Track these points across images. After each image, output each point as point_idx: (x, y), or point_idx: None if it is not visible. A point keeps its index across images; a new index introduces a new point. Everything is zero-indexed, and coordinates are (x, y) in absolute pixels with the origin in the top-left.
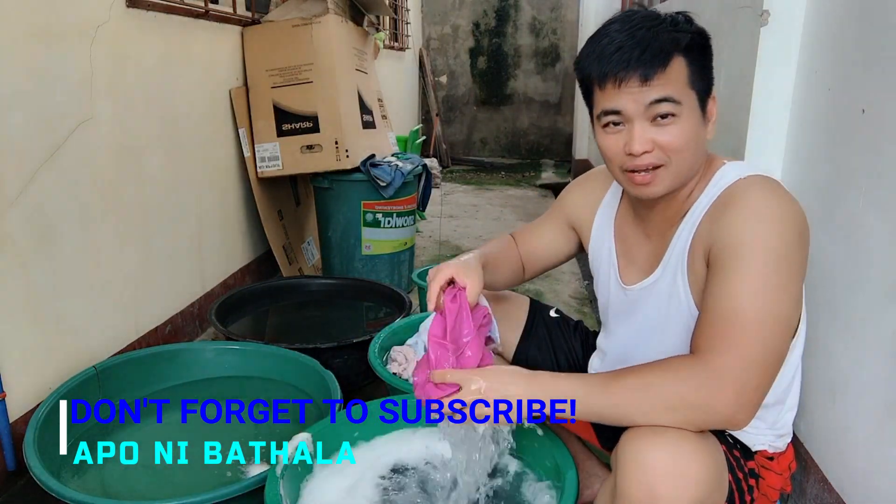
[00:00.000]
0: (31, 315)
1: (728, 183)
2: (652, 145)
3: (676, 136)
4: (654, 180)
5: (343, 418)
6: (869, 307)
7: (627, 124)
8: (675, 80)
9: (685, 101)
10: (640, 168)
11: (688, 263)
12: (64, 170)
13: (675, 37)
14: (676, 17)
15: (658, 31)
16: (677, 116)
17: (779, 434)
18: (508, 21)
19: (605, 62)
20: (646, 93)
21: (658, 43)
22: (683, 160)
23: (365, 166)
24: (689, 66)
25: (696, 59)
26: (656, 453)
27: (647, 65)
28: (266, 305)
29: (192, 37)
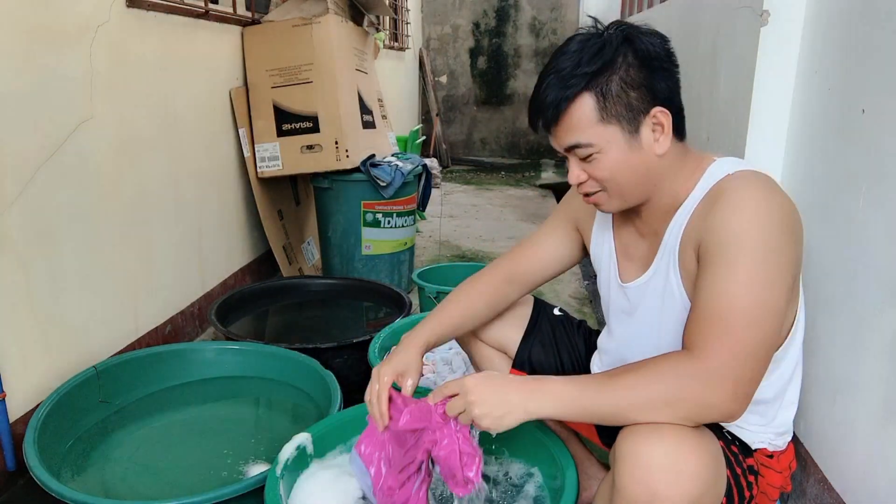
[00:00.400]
0: (31, 315)
1: (718, 178)
2: (585, 177)
3: (602, 169)
4: (600, 201)
5: (343, 418)
6: (869, 307)
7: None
8: (578, 125)
9: (597, 139)
10: (585, 193)
11: (679, 258)
12: (64, 170)
13: (571, 83)
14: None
15: (556, 79)
16: (599, 153)
17: (779, 432)
18: (508, 21)
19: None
20: (557, 139)
21: (550, 97)
22: (619, 186)
23: (365, 166)
24: (598, 102)
25: (608, 90)
26: (654, 449)
27: (545, 120)
28: (266, 305)
29: (192, 37)
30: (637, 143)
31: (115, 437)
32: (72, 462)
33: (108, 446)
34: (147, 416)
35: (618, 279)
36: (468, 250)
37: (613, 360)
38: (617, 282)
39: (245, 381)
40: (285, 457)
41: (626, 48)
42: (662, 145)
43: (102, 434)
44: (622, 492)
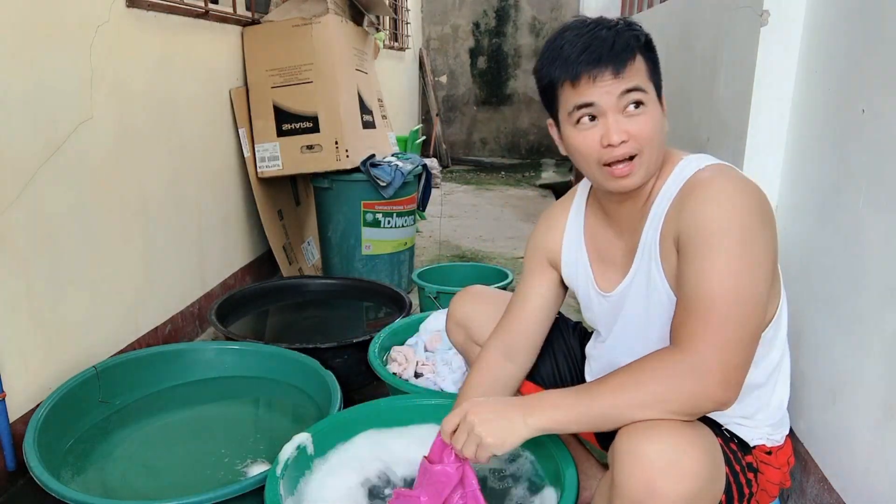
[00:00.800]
0: (31, 315)
1: (689, 174)
2: (627, 135)
3: (646, 124)
4: (632, 170)
5: (343, 418)
6: (869, 307)
7: (601, 118)
8: (640, 73)
9: (649, 91)
10: (620, 159)
11: (661, 254)
12: (64, 170)
13: (636, 34)
14: (630, 21)
15: (619, 31)
16: (646, 105)
17: (775, 424)
18: (508, 21)
19: (574, 64)
20: (618, 84)
21: (623, 39)
22: (653, 149)
23: (365, 166)
24: (646, 62)
25: (650, 57)
26: (652, 447)
27: (617, 59)
28: (266, 305)
29: (192, 37)
30: (662, 114)
31: (115, 437)
32: (72, 462)
33: (108, 446)
34: (147, 416)
35: (597, 290)
36: (468, 250)
37: (603, 366)
38: (597, 293)
39: (245, 381)
40: (285, 457)
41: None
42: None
43: (102, 434)
44: (620, 489)
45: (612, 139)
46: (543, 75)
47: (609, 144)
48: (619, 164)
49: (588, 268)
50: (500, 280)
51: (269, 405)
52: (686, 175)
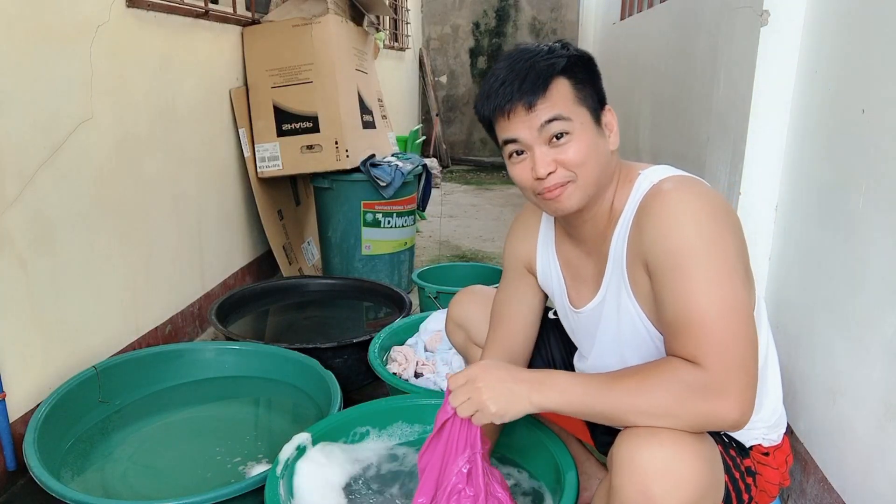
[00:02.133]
0: (31, 315)
1: (646, 189)
2: (555, 165)
3: (576, 151)
4: (562, 195)
5: (343, 418)
6: (869, 307)
7: (528, 151)
8: (560, 100)
9: (575, 117)
10: (551, 188)
11: (629, 278)
12: (64, 170)
13: (551, 62)
14: (553, 45)
15: (534, 61)
16: (571, 133)
17: (770, 424)
18: (508, 21)
19: (492, 98)
20: (533, 118)
21: (535, 71)
22: (588, 173)
23: (365, 166)
24: (573, 84)
25: (578, 76)
26: (651, 453)
27: (529, 92)
28: (266, 305)
29: (192, 37)
30: (601, 133)
31: (115, 437)
32: (72, 462)
33: (108, 446)
34: (147, 416)
35: (570, 306)
36: (468, 250)
37: None
38: (570, 309)
39: (245, 381)
40: (285, 457)
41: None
42: (614, 142)
43: (102, 434)
44: (619, 494)
45: (538, 172)
46: (476, 109)
47: (538, 177)
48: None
49: (561, 280)
50: (499, 280)
51: (269, 405)
52: (643, 191)
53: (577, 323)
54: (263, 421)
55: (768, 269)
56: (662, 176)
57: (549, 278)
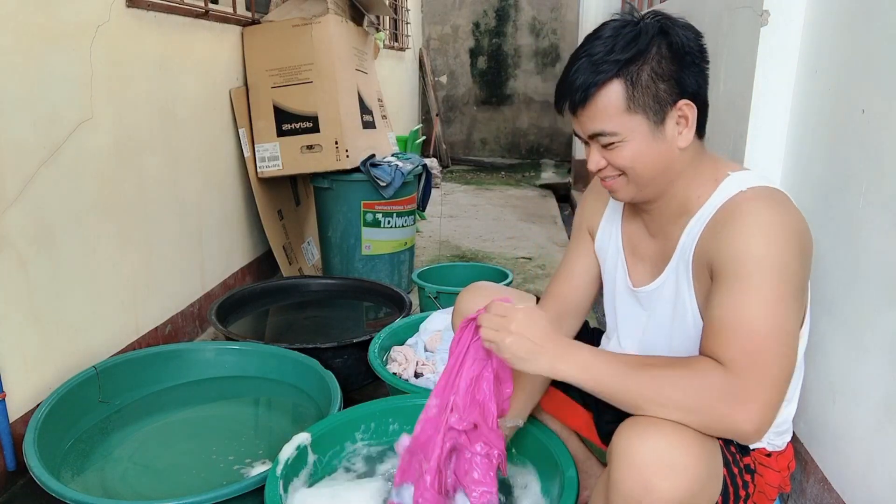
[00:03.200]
0: (31, 315)
1: (729, 195)
2: (604, 164)
3: (624, 157)
4: (616, 187)
5: (343, 418)
6: (869, 307)
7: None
8: (605, 112)
9: (621, 128)
10: (603, 178)
11: (693, 273)
12: (64, 170)
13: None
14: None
15: (588, 63)
16: (619, 142)
17: (779, 431)
18: (508, 21)
19: (556, 91)
20: (582, 124)
21: (582, 77)
22: (639, 174)
23: (365, 166)
24: (628, 89)
25: (639, 78)
26: (650, 445)
27: (573, 102)
28: (266, 305)
29: (192, 37)
30: (661, 135)
31: (115, 437)
32: (72, 462)
33: (108, 446)
34: (147, 416)
35: (627, 282)
36: (468, 250)
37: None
38: (626, 285)
39: (245, 381)
40: (285, 457)
41: (661, 39)
42: (685, 138)
43: (102, 434)
44: (617, 485)
45: (589, 167)
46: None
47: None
48: (606, 179)
49: (620, 252)
50: (500, 280)
51: (269, 405)
52: (726, 196)
53: (629, 301)
54: (263, 421)
55: None
56: (751, 184)
57: (607, 250)
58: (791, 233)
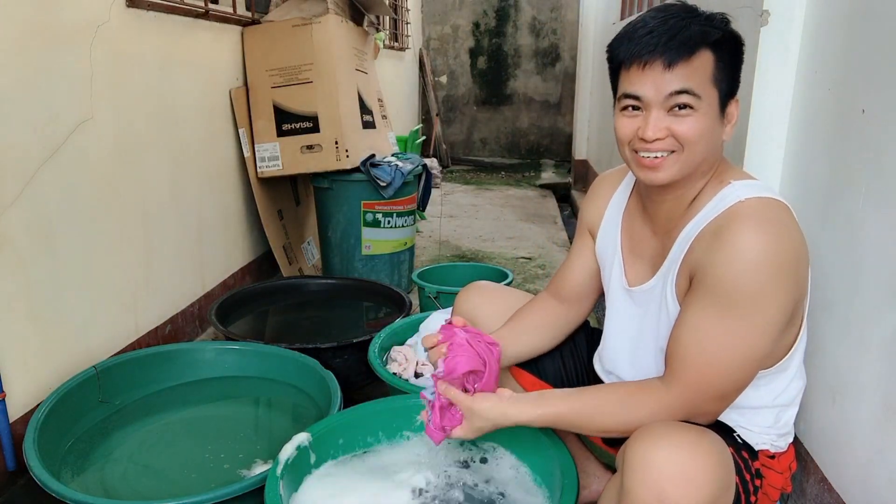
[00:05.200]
0: (31, 315)
1: (729, 203)
2: (666, 133)
3: (692, 127)
4: (662, 165)
5: (343, 418)
6: (869, 307)
7: (646, 110)
8: (698, 73)
9: (705, 96)
10: (651, 152)
11: (678, 276)
12: (64, 170)
13: (706, 30)
14: (714, 14)
15: (690, 23)
16: (695, 110)
17: (781, 433)
18: (508, 21)
19: (634, 43)
20: (668, 81)
21: (688, 33)
22: (695, 152)
23: (365, 166)
24: (716, 62)
25: (723, 57)
26: (665, 454)
27: (673, 51)
28: (266, 305)
29: (192, 37)
30: (720, 120)
31: (115, 437)
32: (72, 462)
33: (108, 446)
34: (147, 416)
35: (623, 281)
36: (468, 250)
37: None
38: (621, 283)
39: (245, 381)
40: (285, 457)
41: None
42: (728, 133)
43: (102, 434)
44: (630, 495)
45: (646, 134)
46: (611, 48)
47: (643, 138)
48: (651, 156)
49: (619, 254)
50: (500, 280)
51: (269, 405)
52: (726, 203)
53: (622, 298)
54: (263, 421)
55: None
56: (749, 195)
57: (606, 249)
58: (777, 258)
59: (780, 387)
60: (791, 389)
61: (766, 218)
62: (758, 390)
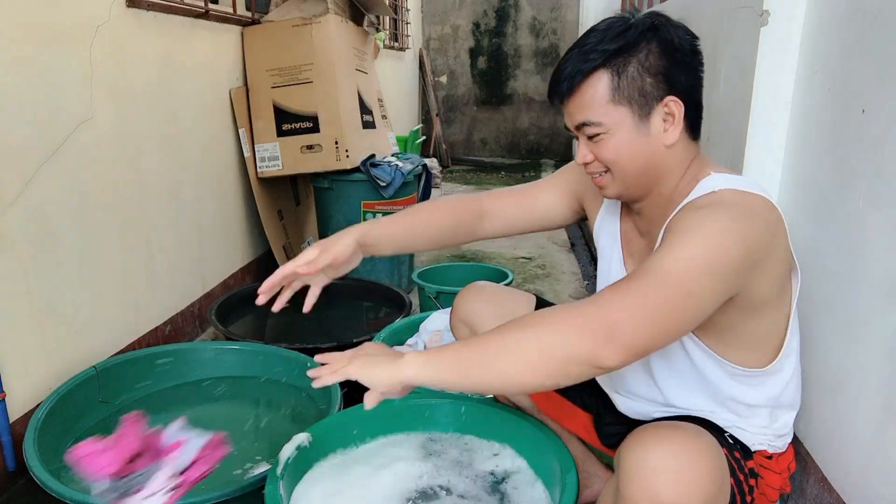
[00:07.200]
0: (31, 315)
1: (704, 192)
2: (591, 157)
3: (606, 150)
4: (603, 183)
5: (343, 418)
6: (869, 307)
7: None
8: (593, 102)
9: (608, 119)
10: (591, 173)
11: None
12: (64, 170)
13: (591, 57)
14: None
15: (579, 53)
16: (604, 134)
17: (778, 434)
18: (508, 21)
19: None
20: (570, 116)
21: (571, 67)
22: (624, 170)
23: (365, 166)
24: (615, 80)
25: (625, 70)
26: (659, 456)
27: (559, 93)
28: (266, 305)
29: (192, 37)
30: (645, 130)
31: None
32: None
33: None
34: (147, 416)
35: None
36: (468, 250)
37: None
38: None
39: (245, 381)
40: (285, 457)
41: (651, 34)
42: (671, 136)
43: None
44: (625, 497)
45: (577, 160)
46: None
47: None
48: (594, 176)
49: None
50: (500, 280)
51: (269, 405)
52: (702, 192)
53: None
54: (263, 421)
55: None
56: (727, 186)
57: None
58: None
59: (776, 389)
60: (788, 392)
61: (736, 203)
62: (753, 389)
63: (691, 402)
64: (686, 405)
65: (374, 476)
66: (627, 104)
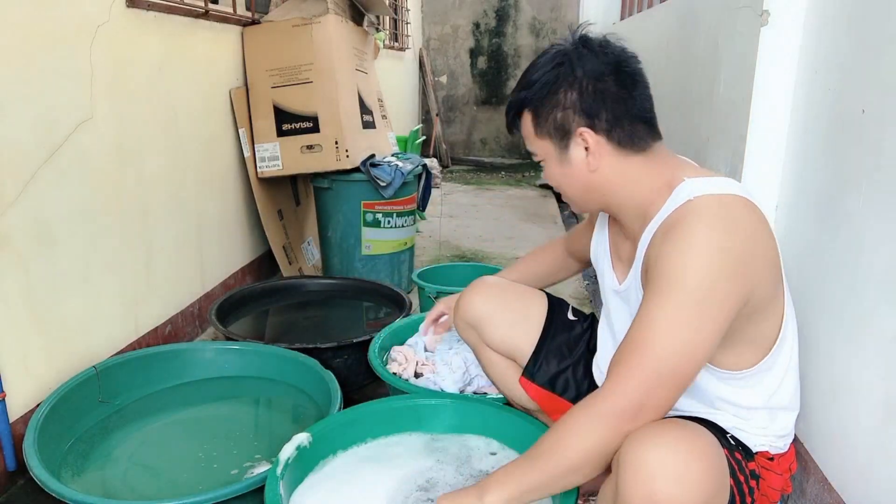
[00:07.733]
0: (31, 315)
1: (680, 202)
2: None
3: (549, 176)
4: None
5: (343, 418)
6: (869, 307)
7: None
8: (526, 135)
9: (539, 150)
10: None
11: (641, 275)
12: (64, 170)
13: (520, 97)
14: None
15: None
16: (543, 161)
17: (779, 435)
18: (508, 21)
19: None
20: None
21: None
22: (566, 192)
23: (365, 166)
24: (534, 118)
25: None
26: (658, 455)
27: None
28: (266, 305)
29: (192, 37)
30: (567, 159)
31: (115, 437)
32: (72, 462)
33: (108, 446)
34: (147, 416)
35: (614, 282)
36: (468, 250)
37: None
38: (613, 286)
39: (245, 381)
40: (285, 457)
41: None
42: (593, 164)
43: (102, 434)
44: (624, 497)
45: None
46: None
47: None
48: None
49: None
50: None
51: (269, 405)
52: (677, 202)
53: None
54: (263, 421)
55: None
56: (702, 192)
57: (598, 252)
58: (725, 254)
59: (772, 386)
60: (785, 390)
61: (717, 214)
62: (750, 389)
63: (687, 405)
64: (685, 407)
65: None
66: (549, 137)
